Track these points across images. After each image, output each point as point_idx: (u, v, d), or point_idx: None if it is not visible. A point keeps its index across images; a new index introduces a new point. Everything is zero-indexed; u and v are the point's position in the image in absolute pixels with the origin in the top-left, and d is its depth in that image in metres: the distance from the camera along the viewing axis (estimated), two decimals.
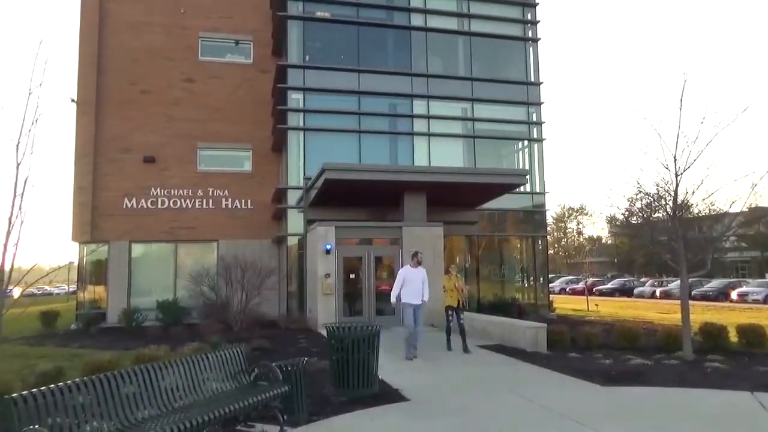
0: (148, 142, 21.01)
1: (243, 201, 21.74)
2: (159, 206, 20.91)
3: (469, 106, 21.55)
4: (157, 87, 21.55)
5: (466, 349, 10.76)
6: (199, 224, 21.08)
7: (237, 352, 6.25)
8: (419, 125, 20.95)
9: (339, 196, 17.16)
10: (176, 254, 21.17)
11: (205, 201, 21.36)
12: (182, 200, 21.15)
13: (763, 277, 43.00)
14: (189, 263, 20.72)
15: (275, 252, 21.43)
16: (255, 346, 11.27)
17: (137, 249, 21.04)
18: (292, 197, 19.42)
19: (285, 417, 5.85)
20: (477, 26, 21.99)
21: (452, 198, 18.14)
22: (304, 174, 18.98)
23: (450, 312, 11.29)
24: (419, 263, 10.79)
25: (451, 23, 21.94)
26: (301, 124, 19.83)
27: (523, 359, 9.91)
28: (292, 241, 19.56)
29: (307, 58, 20.40)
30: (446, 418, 6.27)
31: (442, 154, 20.56)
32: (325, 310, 14.96)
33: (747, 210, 11.79)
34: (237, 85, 22.33)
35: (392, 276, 15.76)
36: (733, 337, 11.04)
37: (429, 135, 20.85)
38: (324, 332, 8.24)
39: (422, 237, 15.94)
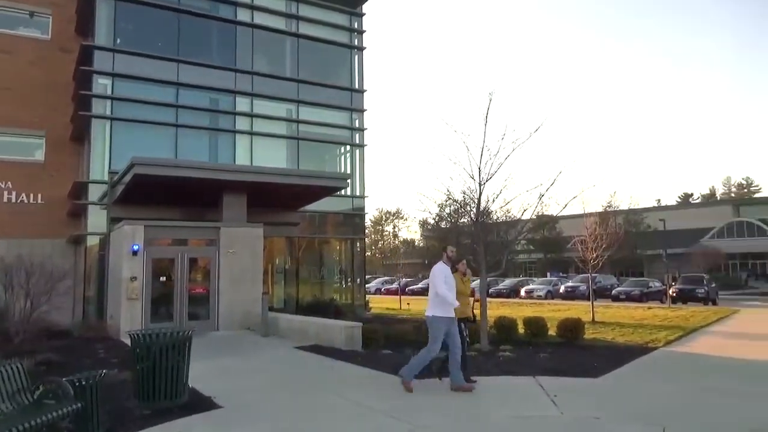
0: None
1: (32, 195, 19.10)
2: None
3: (294, 108, 21.50)
4: None
5: (468, 379, 7.80)
6: None
7: (16, 368, 5.41)
8: (242, 123, 20.34)
9: (151, 193, 15.89)
10: None
11: None
12: None
13: (546, 276, 49.44)
14: None
15: (71, 253, 19.13)
16: (41, 360, 9.87)
17: None
18: (95, 193, 17.53)
19: None
20: (305, 29, 22.05)
21: (274, 199, 17.90)
22: (110, 168, 17.23)
23: (464, 326, 8.31)
24: (450, 259, 8.01)
25: (279, 23, 21.70)
26: (109, 112, 18.01)
27: (339, 358, 10.10)
28: (93, 240, 17.66)
29: (119, 41, 18.62)
30: (261, 424, 6.12)
31: (264, 154, 20.20)
32: (129, 316, 13.70)
33: (535, 217, 13.42)
34: (30, 62, 19.57)
35: (207, 278, 15.08)
36: (521, 329, 12.46)
37: (252, 134, 20.36)
38: (128, 340, 7.52)
39: (242, 238, 15.46)
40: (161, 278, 14.84)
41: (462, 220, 12.58)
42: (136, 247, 14.08)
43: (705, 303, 28.50)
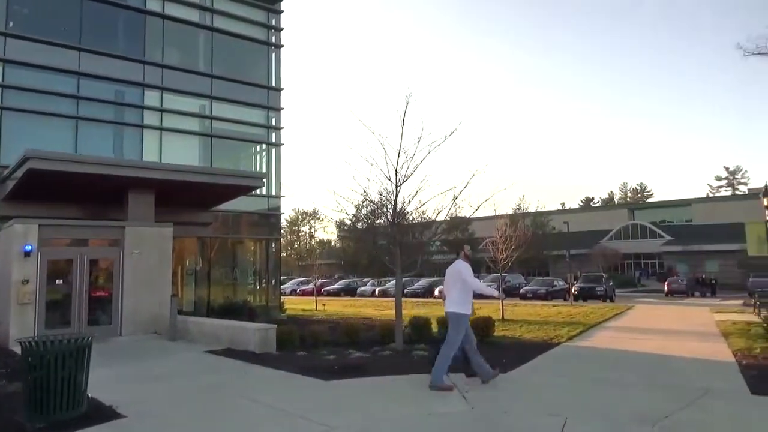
0: None
1: None
2: None
3: (207, 104, 20.79)
4: None
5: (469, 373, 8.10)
6: None
7: None
8: (150, 118, 19.39)
9: (47, 190, 14.79)
10: None
11: None
12: None
13: None
14: None
15: None
16: None
17: None
18: None
19: None
20: (220, 23, 21.38)
21: (185, 198, 17.20)
22: (0, 161, 15.87)
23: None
24: (467, 257, 8.32)
25: (193, 15, 20.89)
26: None
27: (252, 361, 9.86)
28: None
29: (11, 24, 17.16)
30: None
31: (175, 151, 19.36)
32: (20, 323, 12.64)
33: (449, 219, 13.75)
34: None
35: (110, 281, 14.23)
36: (435, 327, 12.73)
37: (161, 129, 19.47)
38: (18, 349, 6.93)
39: (149, 238, 14.71)
40: (58, 281, 13.82)
41: (378, 221, 12.62)
42: (28, 248, 13.02)
43: (603, 300, 30.55)
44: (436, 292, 38.48)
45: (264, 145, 22.45)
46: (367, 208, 12.51)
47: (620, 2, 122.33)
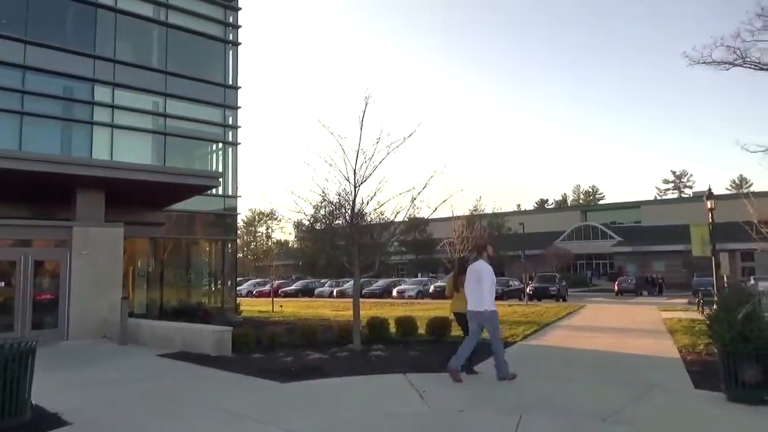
0: None
1: None
2: None
3: (161, 101, 20.24)
4: None
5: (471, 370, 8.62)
6: None
7: None
8: (101, 114, 18.75)
9: None
10: None
11: None
12: None
13: (417, 276, 51.24)
14: None
15: None
16: None
17: None
18: None
19: None
20: (176, 19, 20.84)
21: (138, 197, 16.71)
22: None
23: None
24: (490, 257, 8.76)
25: (146, 9, 20.30)
26: None
27: (207, 365, 9.65)
28: None
29: None
30: None
31: (127, 149, 18.77)
32: None
33: (407, 219, 13.81)
34: None
35: (57, 283, 13.69)
36: (393, 328, 12.77)
37: (112, 126, 18.85)
38: None
39: (98, 238, 14.22)
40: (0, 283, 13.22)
41: (337, 221, 12.56)
42: None
43: (557, 300, 31.31)
44: (395, 293, 38.62)
45: (220, 144, 22.04)
46: (325, 208, 12.42)
47: (568, 7, 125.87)
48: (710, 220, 19.86)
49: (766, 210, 17.23)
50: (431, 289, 37.47)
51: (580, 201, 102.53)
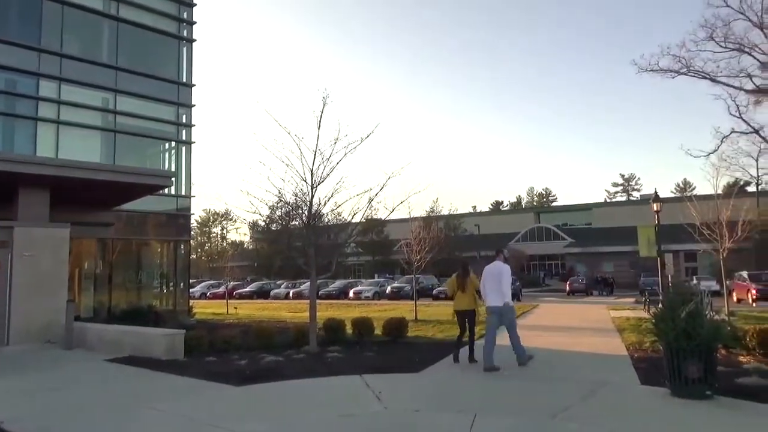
0: None
1: None
2: None
3: (111, 97, 19.57)
4: None
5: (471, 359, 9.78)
6: None
7: None
8: (47, 110, 17.99)
9: None
10: None
11: None
12: None
13: (374, 277, 51.28)
14: None
15: None
16: None
17: None
18: None
19: None
20: (126, 13, 20.18)
21: (85, 197, 16.10)
22: None
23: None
24: (506, 259, 10.19)
25: (96, 3, 19.57)
26: None
27: (158, 369, 9.38)
28: None
29: None
30: None
31: (74, 146, 18.06)
32: None
33: (365, 220, 13.83)
34: None
35: None
36: (350, 329, 12.74)
37: (58, 123, 18.10)
38: None
39: (42, 239, 13.64)
40: None
41: (293, 222, 12.46)
42: None
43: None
44: (351, 294, 38.54)
45: (173, 143, 21.48)
46: (281, 209, 12.31)
47: (528, 12, 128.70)
48: (656, 222, 20.65)
49: (708, 213, 18.00)
50: (388, 290, 37.57)
51: (534, 203, 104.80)
